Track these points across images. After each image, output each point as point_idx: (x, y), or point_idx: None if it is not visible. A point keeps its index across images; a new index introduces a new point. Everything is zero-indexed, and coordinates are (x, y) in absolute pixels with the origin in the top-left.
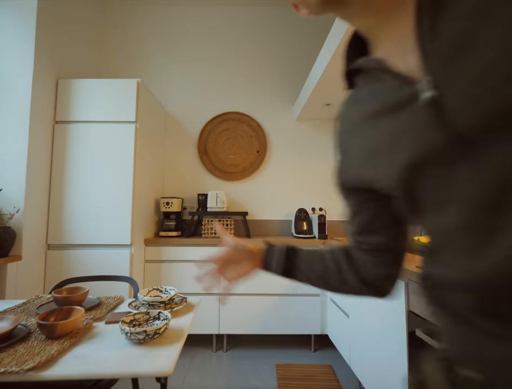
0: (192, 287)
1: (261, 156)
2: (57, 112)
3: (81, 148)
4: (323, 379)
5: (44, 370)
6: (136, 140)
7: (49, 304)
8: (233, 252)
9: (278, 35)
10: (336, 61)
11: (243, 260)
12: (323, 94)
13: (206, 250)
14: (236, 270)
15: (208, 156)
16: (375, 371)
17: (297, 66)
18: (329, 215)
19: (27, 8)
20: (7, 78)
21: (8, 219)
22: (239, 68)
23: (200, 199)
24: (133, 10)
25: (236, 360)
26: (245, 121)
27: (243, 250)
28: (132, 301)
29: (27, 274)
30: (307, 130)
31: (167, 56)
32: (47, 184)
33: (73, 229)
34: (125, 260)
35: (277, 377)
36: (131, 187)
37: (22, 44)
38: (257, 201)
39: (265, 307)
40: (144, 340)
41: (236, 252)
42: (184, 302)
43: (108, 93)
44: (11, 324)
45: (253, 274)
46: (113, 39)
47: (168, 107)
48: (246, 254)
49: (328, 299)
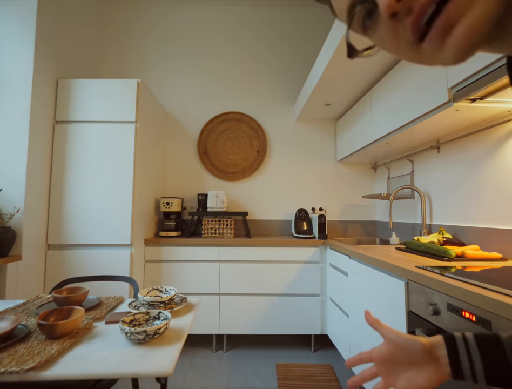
0: (192, 287)
1: (261, 156)
2: (57, 112)
3: (81, 148)
4: (323, 379)
5: (44, 370)
6: (136, 140)
7: (49, 304)
8: (396, 349)
9: (279, 35)
10: (336, 61)
11: (415, 363)
12: (323, 94)
13: (206, 250)
14: (409, 378)
15: (208, 156)
16: None
17: (297, 66)
18: (329, 215)
19: (27, 8)
20: (7, 78)
21: (8, 219)
22: (239, 68)
23: (200, 199)
24: (133, 10)
25: (236, 360)
26: (245, 121)
27: (412, 346)
28: (132, 301)
29: (27, 274)
30: (307, 130)
31: (167, 56)
32: (47, 184)
33: (73, 229)
34: (125, 260)
35: (277, 377)
36: (131, 187)
37: (22, 44)
38: (257, 201)
39: (266, 307)
40: (144, 340)
41: (400, 351)
42: (184, 302)
43: (108, 93)
44: (11, 324)
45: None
46: (113, 39)
47: (168, 107)
48: (417, 354)
49: (328, 299)
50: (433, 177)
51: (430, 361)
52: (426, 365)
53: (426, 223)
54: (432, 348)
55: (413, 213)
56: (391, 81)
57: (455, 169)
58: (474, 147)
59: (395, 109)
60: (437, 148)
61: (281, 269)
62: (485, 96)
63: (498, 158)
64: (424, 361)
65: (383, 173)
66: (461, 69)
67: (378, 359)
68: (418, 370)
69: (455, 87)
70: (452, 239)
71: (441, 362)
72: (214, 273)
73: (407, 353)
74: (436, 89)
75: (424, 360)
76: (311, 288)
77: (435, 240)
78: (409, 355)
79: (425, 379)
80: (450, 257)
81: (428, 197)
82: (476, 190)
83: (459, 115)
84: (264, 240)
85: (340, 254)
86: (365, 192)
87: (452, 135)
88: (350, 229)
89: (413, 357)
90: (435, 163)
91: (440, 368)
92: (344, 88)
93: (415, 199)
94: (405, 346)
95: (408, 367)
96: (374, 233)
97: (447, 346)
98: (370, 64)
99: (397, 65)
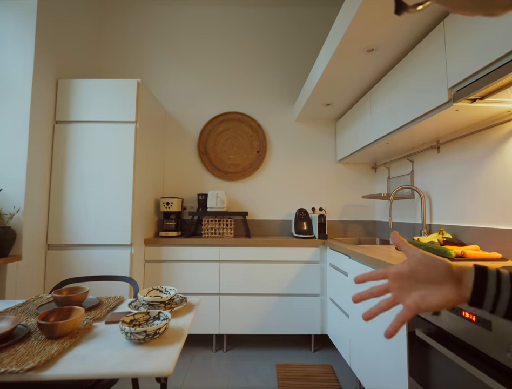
0: (192, 287)
1: (261, 156)
2: (57, 112)
3: (81, 148)
4: (323, 379)
5: (44, 370)
6: (136, 140)
7: (49, 304)
8: (419, 266)
9: (279, 35)
10: (336, 62)
11: (434, 282)
12: (323, 94)
13: (206, 250)
14: (423, 296)
15: (208, 156)
16: (375, 371)
17: (297, 66)
18: (329, 215)
19: (27, 8)
20: (7, 78)
21: (8, 219)
22: (239, 68)
23: (200, 199)
24: (133, 10)
25: (236, 360)
26: (245, 121)
27: (436, 266)
28: (132, 301)
29: (27, 274)
30: (307, 130)
31: (167, 56)
32: (47, 184)
33: (73, 229)
34: (125, 260)
35: (277, 377)
36: (131, 187)
37: (22, 44)
38: (257, 201)
39: (266, 307)
40: (144, 340)
41: (423, 268)
42: (184, 302)
43: (108, 93)
44: (11, 324)
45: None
46: (113, 39)
47: (168, 107)
48: (440, 273)
49: (328, 299)
50: (433, 177)
51: (451, 281)
52: (445, 285)
53: (426, 223)
54: (458, 270)
55: (413, 213)
56: (391, 81)
57: (454, 169)
58: (474, 147)
59: (395, 109)
60: (437, 148)
61: (281, 269)
62: (485, 96)
63: (498, 158)
64: (444, 281)
65: (383, 173)
66: (461, 69)
67: (393, 274)
68: (434, 290)
69: (455, 87)
70: (452, 239)
71: (464, 285)
72: (214, 273)
73: (430, 271)
74: (436, 89)
75: (445, 280)
76: (311, 288)
77: (435, 240)
78: (431, 273)
79: (439, 298)
80: (450, 257)
81: (427, 197)
82: (476, 190)
83: (459, 115)
84: (264, 240)
85: (340, 254)
86: (365, 192)
87: (452, 135)
88: (350, 229)
89: (434, 276)
90: (435, 163)
91: (460, 291)
92: (344, 88)
93: (415, 199)
94: (431, 263)
95: (424, 285)
96: (374, 233)
97: (477, 271)
98: (370, 64)
99: (397, 65)
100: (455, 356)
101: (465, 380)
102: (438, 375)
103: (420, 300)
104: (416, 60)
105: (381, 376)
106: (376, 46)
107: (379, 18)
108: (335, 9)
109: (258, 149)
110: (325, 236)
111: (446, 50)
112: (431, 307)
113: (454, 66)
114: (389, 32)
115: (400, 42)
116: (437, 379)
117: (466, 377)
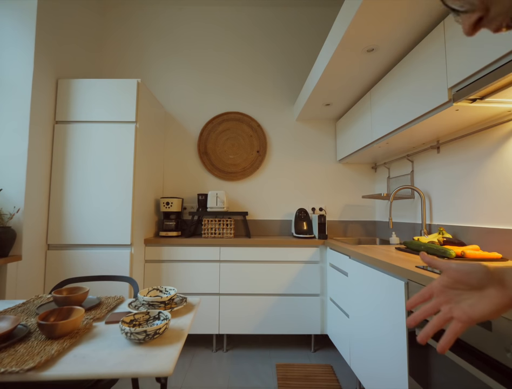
0: (192, 287)
1: (261, 156)
2: (57, 112)
3: (81, 148)
4: (323, 379)
5: (44, 370)
6: (136, 140)
7: (49, 304)
8: (457, 275)
9: (279, 35)
10: (336, 62)
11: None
12: (323, 94)
13: (206, 250)
14: (471, 305)
15: (208, 156)
16: (375, 371)
17: (297, 66)
18: (329, 215)
19: (27, 8)
20: (7, 78)
21: (8, 219)
22: (239, 68)
23: (200, 199)
24: (133, 10)
25: (236, 360)
26: (245, 121)
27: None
28: (132, 301)
29: (27, 274)
30: (307, 130)
31: (167, 56)
32: (47, 184)
33: (73, 229)
34: (125, 260)
35: (277, 377)
36: (131, 187)
37: (22, 44)
38: (257, 201)
39: (266, 307)
40: (144, 340)
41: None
42: (184, 302)
43: (108, 93)
44: (11, 324)
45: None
46: (113, 39)
47: (168, 107)
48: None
49: (328, 299)
50: (433, 177)
51: (493, 284)
52: (488, 289)
53: (426, 223)
54: (496, 271)
55: (413, 213)
56: (391, 81)
57: (454, 169)
58: (474, 147)
59: (395, 109)
60: (437, 148)
61: (281, 269)
62: (485, 96)
63: (498, 158)
64: (486, 285)
65: (383, 173)
66: (461, 70)
67: (438, 288)
68: (480, 296)
69: (455, 87)
70: (452, 239)
71: (506, 285)
72: (214, 273)
73: (469, 277)
74: (436, 89)
75: (486, 284)
76: (311, 288)
77: (435, 240)
78: (471, 280)
79: (488, 304)
80: (450, 257)
81: (427, 197)
82: (476, 190)
83: (459, 115)
84: (264, 240)
85: (340, 254)
86: (365, 192)
87: (452, 135)
88: (350, 229)
89: (475, 281)
90: (435, 163)
91: (505, 291)
92: (344, 88)
93: (415, 199)
94: (468, 269)
95: (469, 293)
96: (374, 233)
97: None
98: (370, 64)
99: (397, 65)
100: (455, 356)
101: (465, 380)
102: (438, 375)
103: (470, 309)
104: (416, 60)
105: (381, 376)
106: (376, 46)
107: (379, 18)
108: (335, 9)
109: (258, 149)
110: (325, 236)
111: (446, 50)
112: (483, 315)
113: (454, 66)
114: (389, 32)
115: (400, 42)
116: (437, 379)
117: (466, 377)
